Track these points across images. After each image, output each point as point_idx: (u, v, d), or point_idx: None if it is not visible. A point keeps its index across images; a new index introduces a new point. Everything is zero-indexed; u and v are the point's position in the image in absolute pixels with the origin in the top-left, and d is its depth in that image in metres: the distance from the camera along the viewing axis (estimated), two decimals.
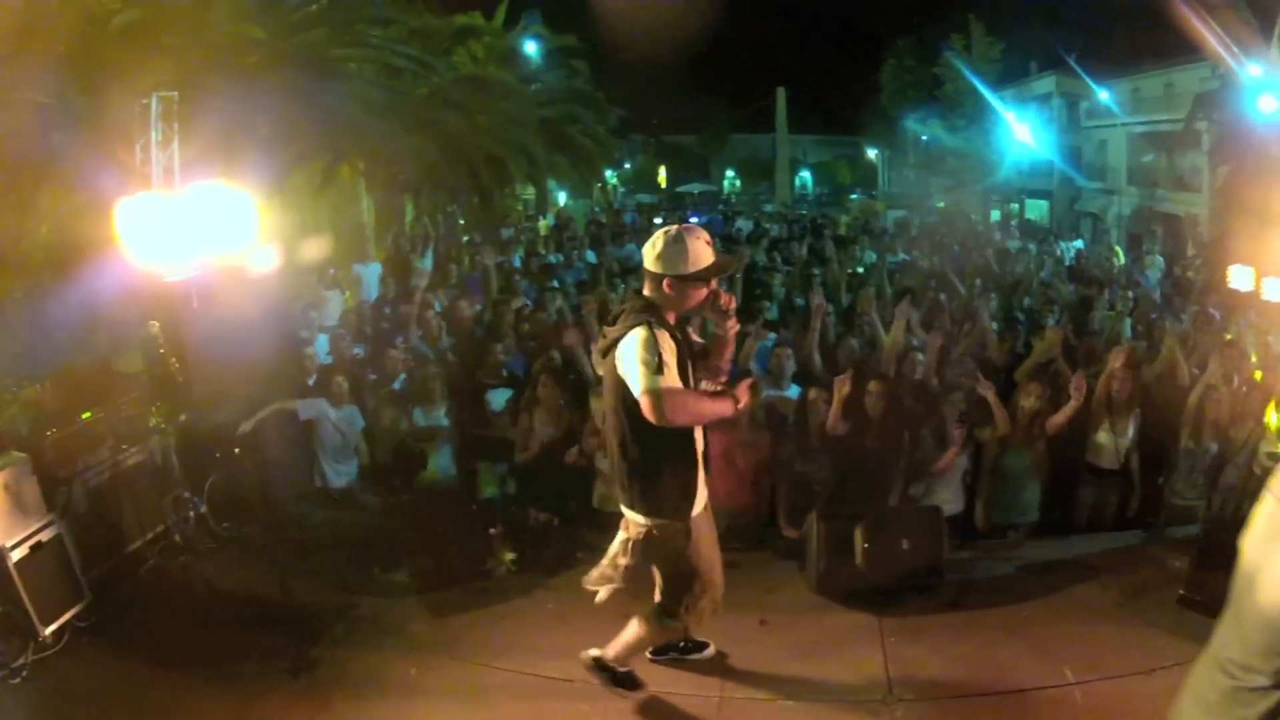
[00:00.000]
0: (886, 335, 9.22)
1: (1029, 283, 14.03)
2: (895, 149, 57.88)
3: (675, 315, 4.98)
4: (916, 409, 8.15)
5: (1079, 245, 23.54)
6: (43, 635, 6.04)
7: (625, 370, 4.69)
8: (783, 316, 10.98)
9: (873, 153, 62.63)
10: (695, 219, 31.46)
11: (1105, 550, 7.80)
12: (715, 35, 50.89)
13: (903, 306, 9.26)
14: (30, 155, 8.04)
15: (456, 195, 20.04)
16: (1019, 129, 41.18)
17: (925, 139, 49.95)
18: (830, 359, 9.08)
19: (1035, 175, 42.50)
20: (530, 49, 24.58)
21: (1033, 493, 8.15)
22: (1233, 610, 3.92)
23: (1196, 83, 27.63)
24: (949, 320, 10.83)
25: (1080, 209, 39.85)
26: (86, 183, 7.19)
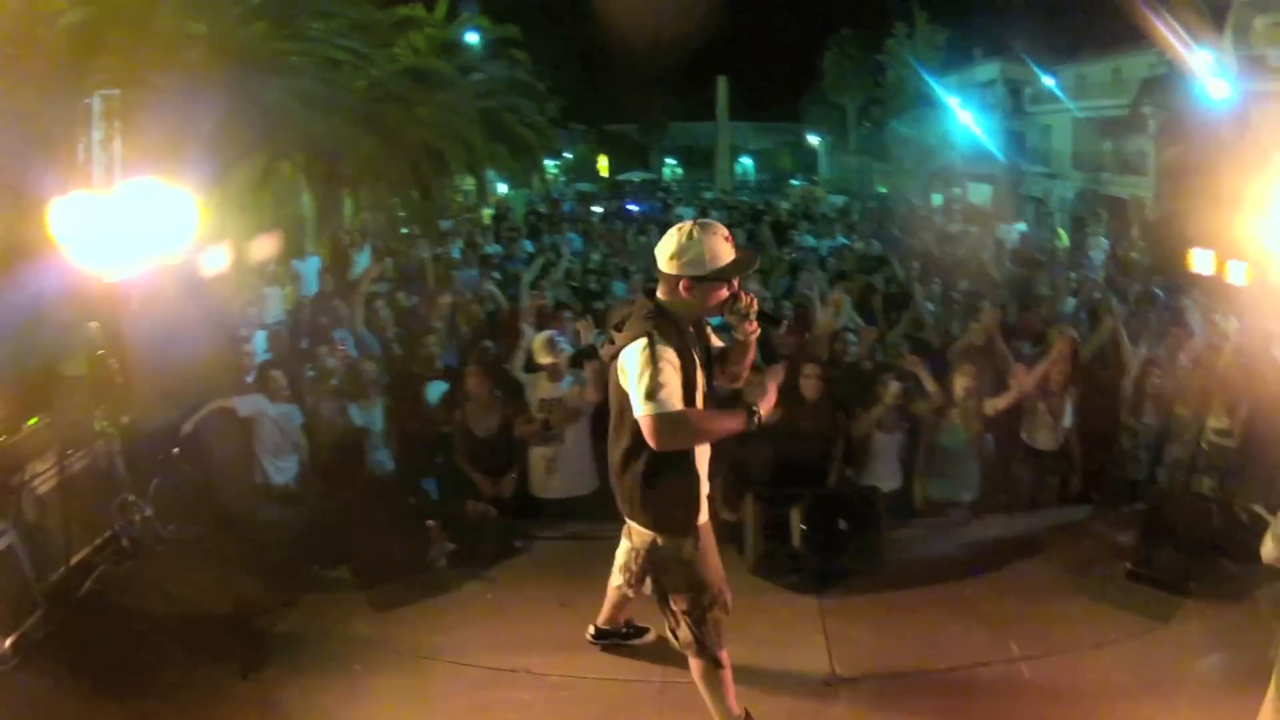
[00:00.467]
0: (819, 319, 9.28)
1: (968, 265, 14.27)
2: (837, 136, 58.27)
3: (690, 319, 4.74)
4: (851, 391, 8.22)
5: (1021, 228, 23.93)
6: (2, 649, 5.91)
7: (627, 385, 4.48)
8: None
9: (815, 139, 62.96)
10: (634, 207, 31.58)
11: (1049, 527, 7.89)
12: (657, 23, 50.95)
13: (835, 292, 9.34)
14: None
15: (396, 188, 20.02)
16: (961, 115, 41.63)
17: (867, 125, 50.38)
18: (766, 344, 9.14)
19: (978, 160, 42.84)
20: (471, 40, 24.49)
21: (971, 470, 8.20)
22: None
23: (1144, 69, 28.02)
24: (882, 302, 11.03)
25: (1024, 193, 40.32)
26: (32, 183, 7.13)
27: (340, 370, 8.69)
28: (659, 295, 4.67)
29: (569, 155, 59.53)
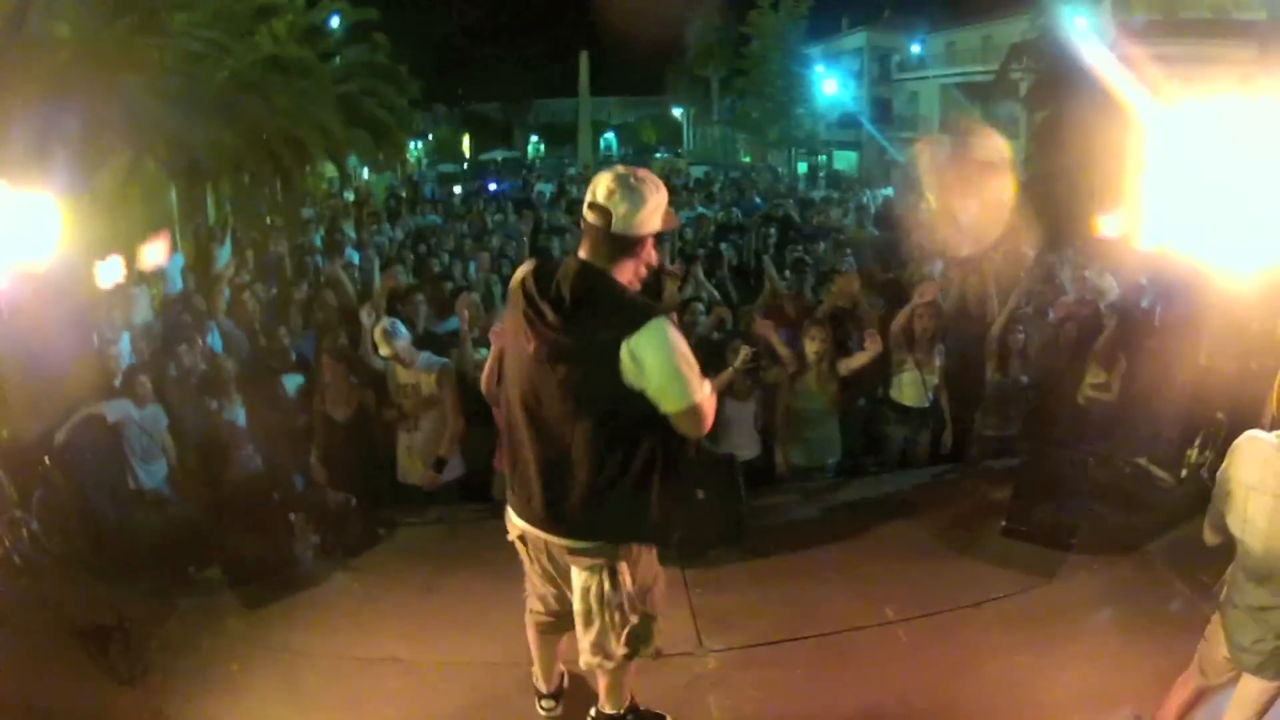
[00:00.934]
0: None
1: (828, 231, 14.58)
2: (701, 108, 58.53)
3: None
4: (699, 359, 8.26)
5: (888, 193, 24.46)
6: None
7: (646, 376, 3.84)
8: None
9: (678, 112, 63.23)
10: (494, 185, 31.53)
11: (918, 486, 8.11)
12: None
13: (676, 263, 9.56)
14: None
15: (258, 180, 19.80)
16: (826, 84, 42.25)
17: (731, 97, 50.70)
18: None
19: (844, 128, 43.57)
20: (332, 24, 24.21)
21: (831, 432, 8.28)
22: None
23: (1016, 35, 28.81)
24: (733, 272, 11.25)
25: (891, 160, 41.06)
26: None
27: (201, 368, 8.66)
28: (602, 264, 3.99)
29: (432, 137, 59.05)
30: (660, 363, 3.83)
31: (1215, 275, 6.29)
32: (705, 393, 3.96)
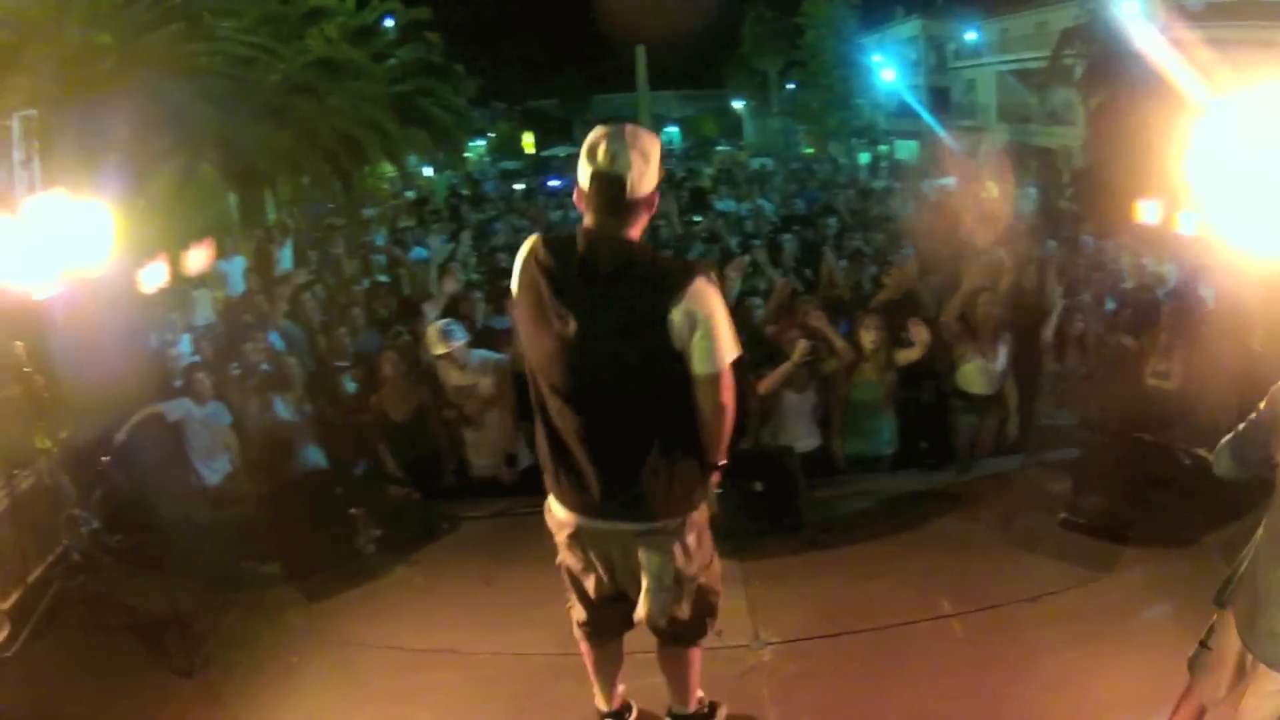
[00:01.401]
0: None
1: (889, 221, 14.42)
2: (760, 100, 58.37)
3: None
4: (757, 352, 8.08)
5: (947, 182, 24.22)
6: None
7: (699, 335, 3.64)
8: None
9: (738, 105, 63.10)
10: (556, 182, 31.59)
11: (976, 478, 7.92)
12: None
13: (736, 263, 9.43)
14: None
15: (317, 180, 19.99)
16: (884, 73, 41.94)
17: (789, 88, 50.51)
18: None
19: (904, 117, 43.22)
20: (386, 25, 24.32)
21: (887, 423, 8.27)
22: None
23: (1068, 20, 28.19)
24: (794, 262, 11.17)
25: (950, 148, 40.62)
26: None
27: (264, 366, 8.76)
28: (625, 228, 3.78)
29: (493, 135, 59.34)
30: (711, 321, 3.65)
31: (1263, 262, 6.09)
32: (731, 359, 3.74)
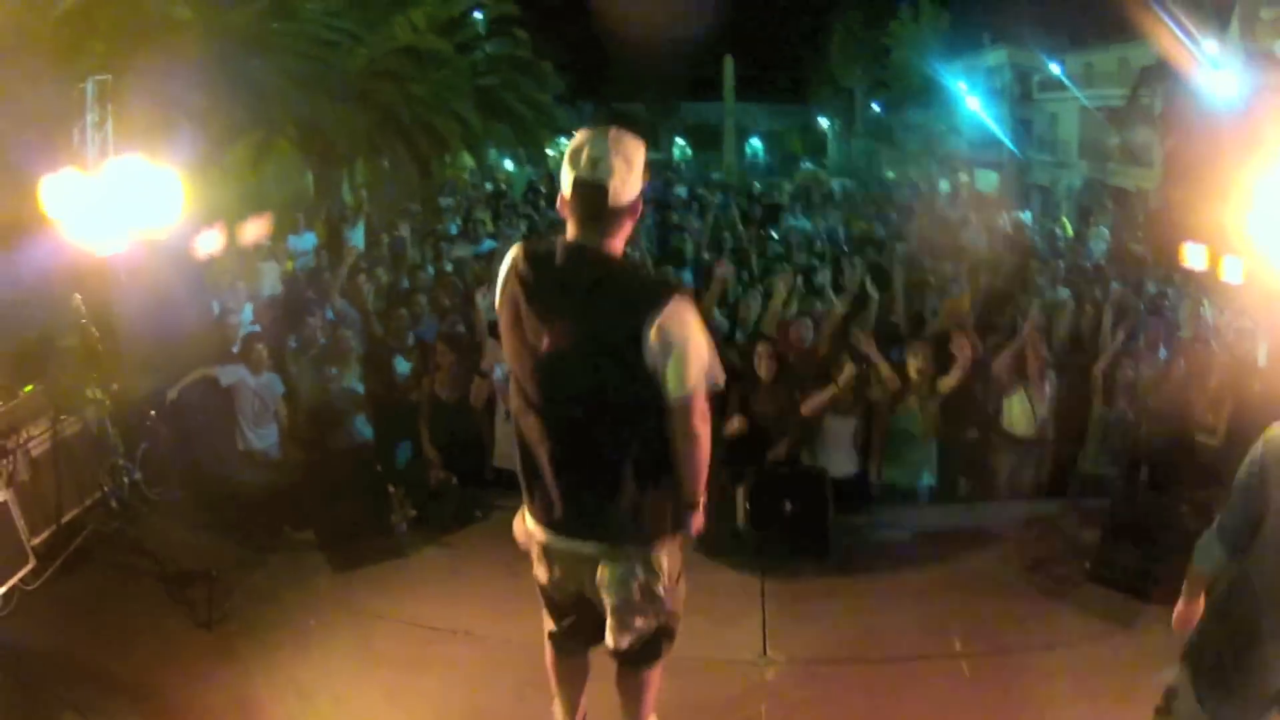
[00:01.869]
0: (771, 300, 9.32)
1: (960, 251, 14.32)
2: (845, 119, 58.11)
3: None
4: (805, 372, 8.21)
5: (1026, 217, 24.00)
6: None
7: (673, 355, 3.51)
8: (696, 279, 11.21)
9: (824, 122, 62.89)
10: None
11: (1011, 519, 7.70)
12: (666, 2, 50.82)
13: (783, 277, 9.43)
14: None
15: (396, 165, 20.22)
16: (969, 100, 41.57)
17: (875, 109, 50.27)
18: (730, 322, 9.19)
19: (986, 147, 42.78)
20: (475, 17, 24.48)
21: (927, 454, 8.16)
22: None
23: (1150, 58, 27.52)
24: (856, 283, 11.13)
25: (1030, 181, 40.22)
26: (26, 164, 7.36)
27: (322, 341, 8.96)
28: (598, 240, 3.68)
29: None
30: (685, 343, 3.52)
31: None
32: (706, 387, 3.65)
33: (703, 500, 3.91)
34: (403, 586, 6.62)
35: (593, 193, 3.58)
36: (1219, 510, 3.91)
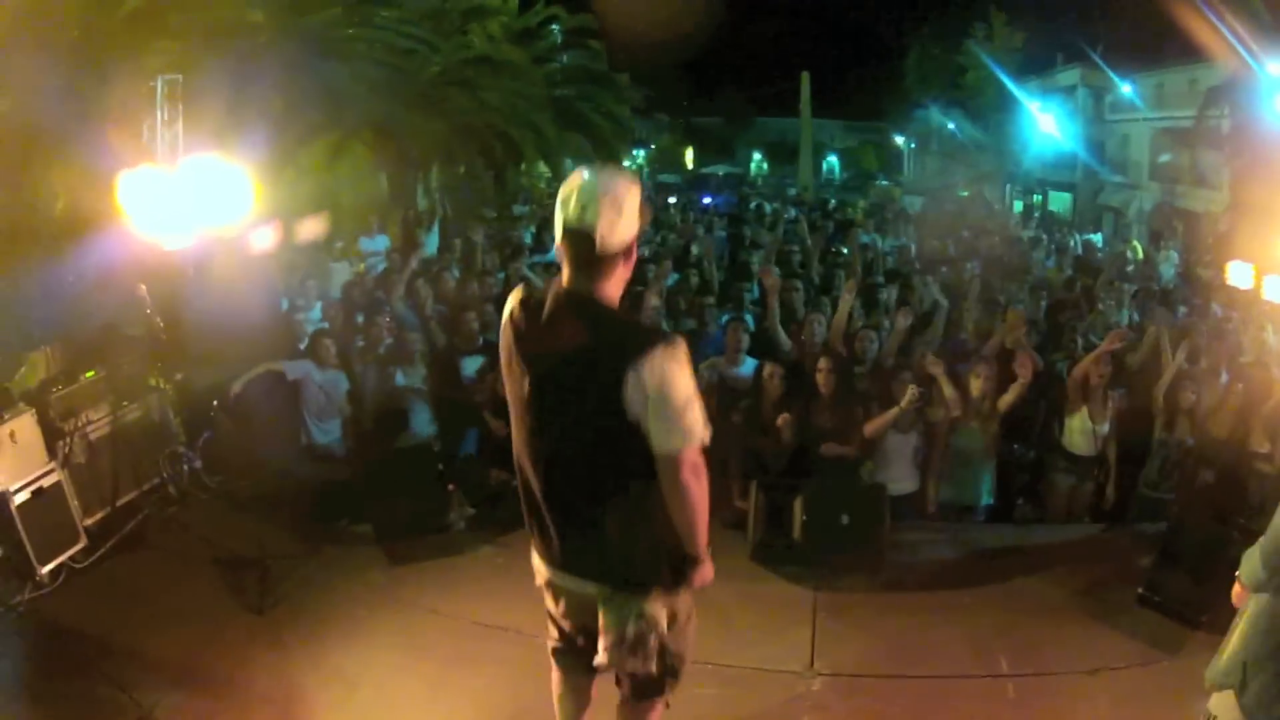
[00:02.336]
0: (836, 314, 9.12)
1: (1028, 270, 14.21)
2: (921, 137, 57.86)
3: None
4: (867, 386, 8.23)
5: (1097, 239, 23.71)
6: (40, 575, 6.46)
7: (649, 407, 3.43)
8: (763, 297, 11.20)
9: (900, 140, 62.61)
10: (710, 199, 31.76)
11: (1066, 541, 7.73)
12: (743, 17, 51.02)
13: (849, 285, 9.25)
14: (44, 135, 8.41)
15: (471, 172, 20.39)
16: (1042, 120, 41.12)
17: (950, 127, 49.98)
18: (795, 336, 9.10)
19: (1059, 167, 42.35)
20: (552, 28, 24.60)
21: (985, 473, 8.10)
22: None
23: (1218, 79, 27.29)
24: (918, 301, 11.02)
25: (1102, 203, 39.75)
26: (96, 160, 7.50)
27: (388, 340, 9.03)
28: (597, 284, 3.63)
29: (654, 146, 59.77)
30: (664, 396, 3.43)
31: None
32: (695, 444, 3.52)
33: (704, 554, 3.77)
34: (455, 583, 6.70)
35: (580, 240, 3.52)
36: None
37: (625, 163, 35.08)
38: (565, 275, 3.65)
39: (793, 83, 53.43)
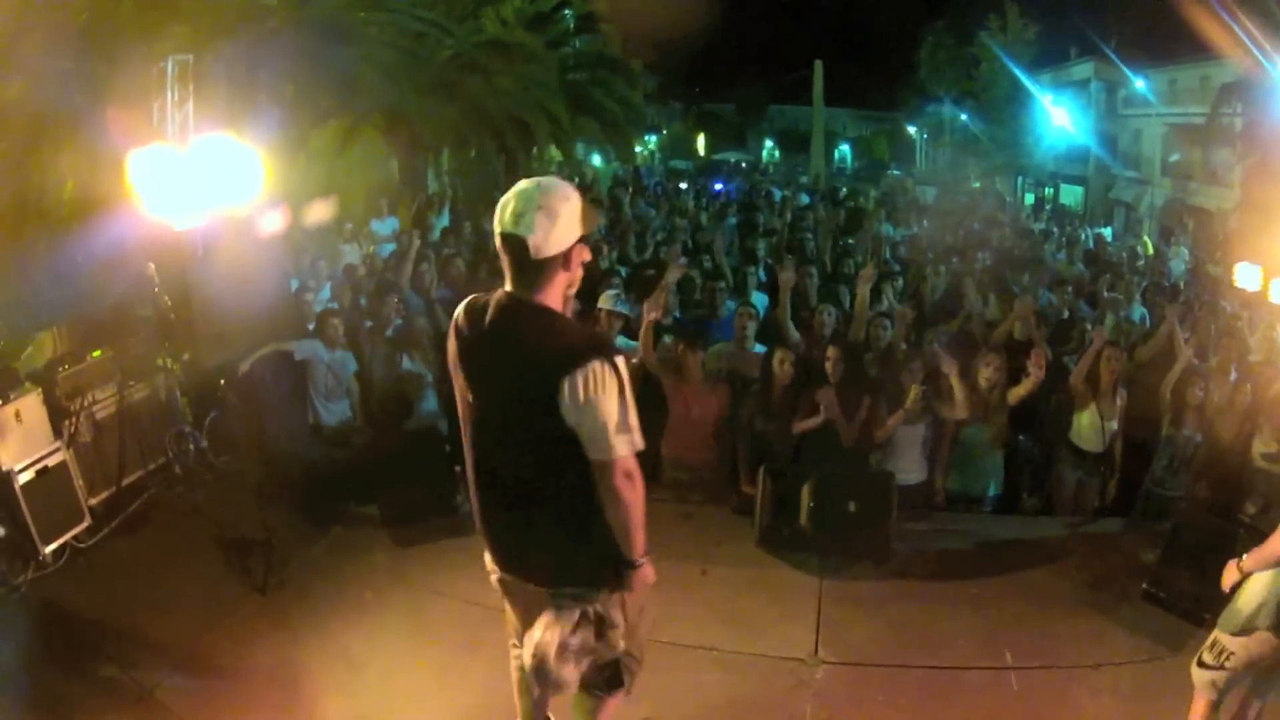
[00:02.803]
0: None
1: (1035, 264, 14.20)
2: (933, 128, 57.70)
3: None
4: (876, 375, 8.20)
5: (1107, 233, 23.67)
6: (43, 554, 6.50)
7: (586, 423, 3.51)
8: (771, 280, 11.17)
9: (913, 130, 62.42)
10: (721, 185, 31.82)
11: (1073, 535, 7.72)
12: (756, 5, 50.91)
13: (865, 271, 9.22)
14: (53, 117, 8.41)
15: (483, 156, 20.37)
16: (1055, 113, 40.98)
17: (963, 119, 49.83)
18: (807, 324, 9.14)
19: (1071, 161, 42.22)
20: (566, 14, 24.54)
21: (993, 464, 8.09)
22: None
23: (1231, 76, 27.19)
24: (929, 291, 11.04)
25: (1114, 197, 39.61)
26: (106, 142, 7.47)
27: (396, 322, 9.04)
28: (535, 290, 3.68)
29: (666, 132, 59.69)
30: (597, 407, 3.50)
31: None
32: (628, 451, 3.59)
33: (642, 559, 3.82)
34: (462, 565, 6.47)
35: (515, 246, 3.60)
36: None
37: (637, 148, 34.94)
38: (506, 282, 3.73)
39: (805, 71, 53.37)
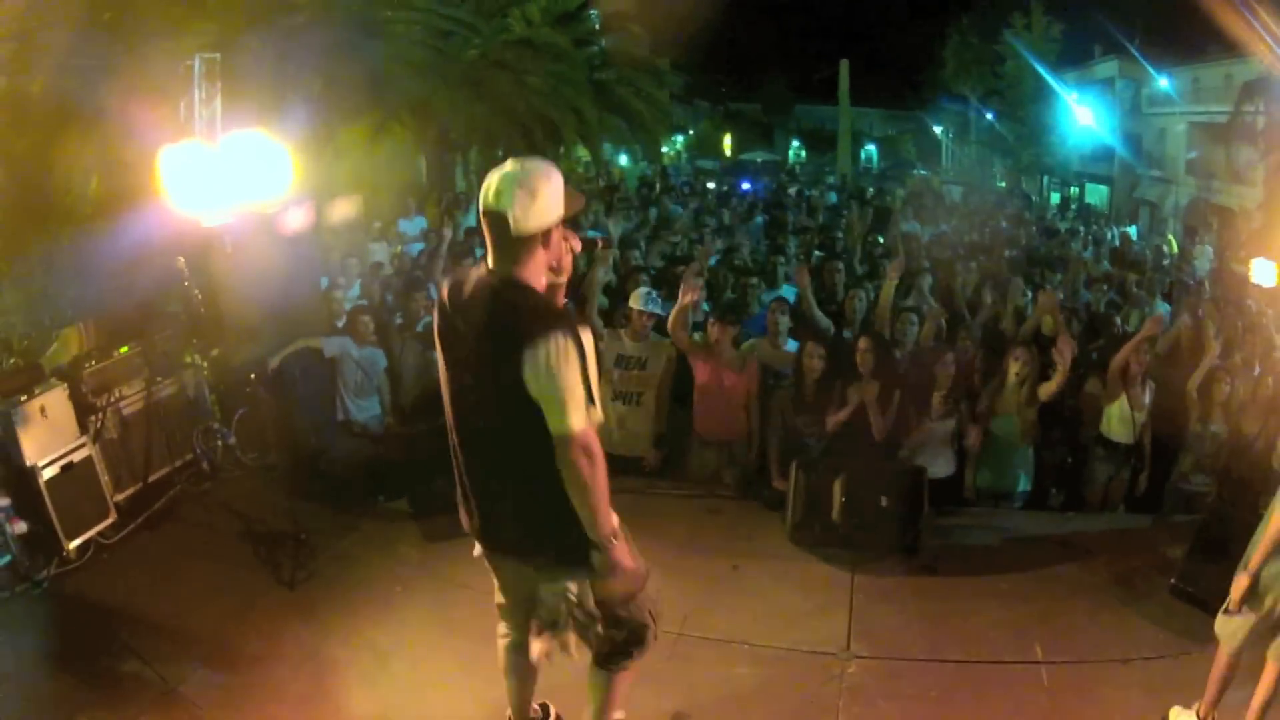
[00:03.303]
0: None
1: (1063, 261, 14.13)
2: (959, 127, 57.53)
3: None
4: (908, 370, 8.16)
5: (1132, 231, 23.56)
6: (67, 550, 6.49)
7: (545, 396, 3.57)
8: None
9: (938, 130, 62.26)
10: (747, 185, 31.80)
11: (1102, 531, 7.66)
12: (783, 5, 50.86)
13: (894, 264, 9.22)
14: (79, 113, 8.38)
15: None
16: (1080, 112, 40.79)
17: (988, 118, 49.69)
18: (837, 319, 9.18)
19: (1096, 160, 42.07)
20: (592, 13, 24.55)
21: (1023, 461, 8.05)
22: None
23: (1253, 74, 26.93)
24: (958, 288, 10.96)
25: (1138, 196, 39.43)
26: (132, 138, 7.48)
27: (426, 318, 8.87)
28: (514, 266, 3.76)
29: (693, 132, 59.71)
30: (555, 380, 3.56)
31: None
32: (584, 425, 3.62)
33: (610, 538, 3.79)
34: None
35: (495, 221, 3.68)
36: None
37: (664, 148, 34.94)
38: (488, 258, 3.83)
39: (831, 71, 53.32)
